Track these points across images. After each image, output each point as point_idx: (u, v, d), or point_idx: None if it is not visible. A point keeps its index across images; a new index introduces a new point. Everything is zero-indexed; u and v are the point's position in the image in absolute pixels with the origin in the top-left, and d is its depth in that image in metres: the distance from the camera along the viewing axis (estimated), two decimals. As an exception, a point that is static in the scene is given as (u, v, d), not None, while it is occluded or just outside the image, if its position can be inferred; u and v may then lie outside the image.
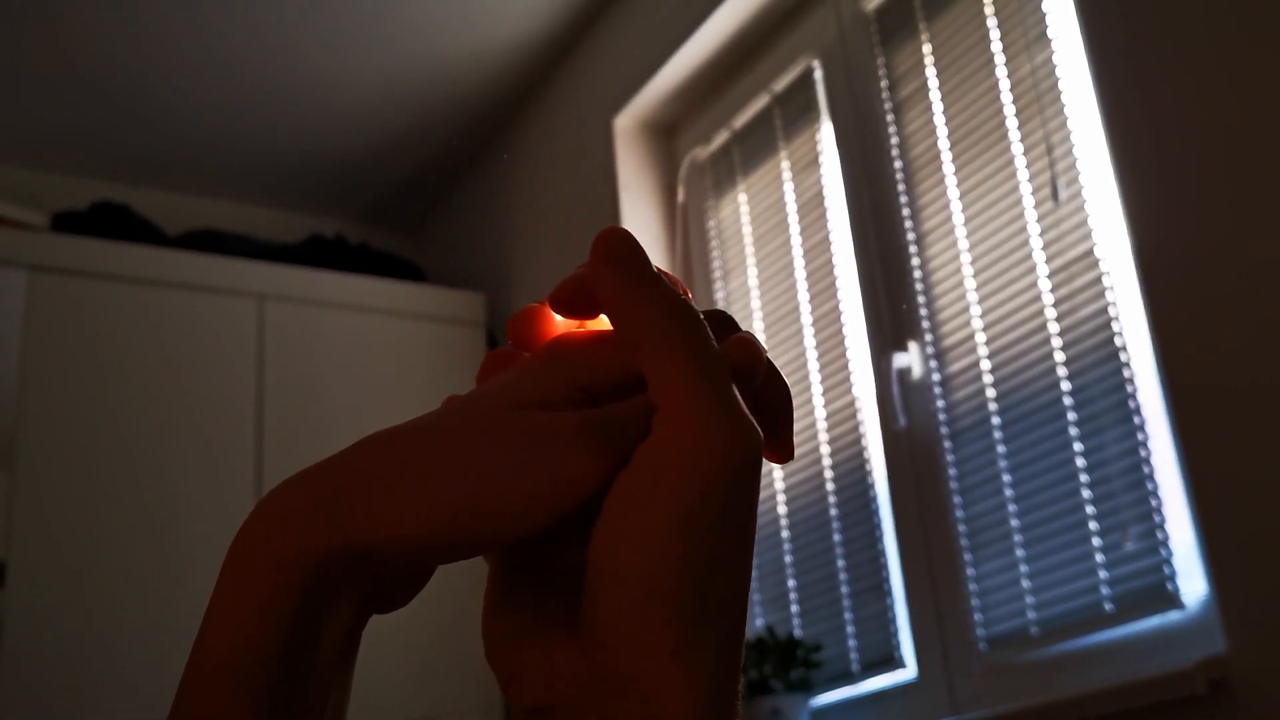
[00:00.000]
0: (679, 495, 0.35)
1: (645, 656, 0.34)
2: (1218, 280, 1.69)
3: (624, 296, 0.37)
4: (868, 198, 2.36)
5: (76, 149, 3.38)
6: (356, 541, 0.36)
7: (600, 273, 0.37)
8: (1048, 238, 1.99)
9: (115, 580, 2.73)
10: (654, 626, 0.34)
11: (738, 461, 0.35)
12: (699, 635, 0.34)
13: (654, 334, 0.36)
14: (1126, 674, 1.76)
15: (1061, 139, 1.99)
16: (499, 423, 0.37)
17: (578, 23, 3.08)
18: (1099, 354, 1.89)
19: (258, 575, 0.36)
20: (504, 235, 3.43)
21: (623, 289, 0.37)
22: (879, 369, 2.28)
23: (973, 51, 2.18)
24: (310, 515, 0.37)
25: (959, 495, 2.09)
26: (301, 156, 3.52)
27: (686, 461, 0.35)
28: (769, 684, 2.26)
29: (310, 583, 0.36)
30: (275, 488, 0.38)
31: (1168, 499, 1.78)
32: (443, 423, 0.37)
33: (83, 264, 2.94)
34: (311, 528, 0.36)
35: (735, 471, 0.35)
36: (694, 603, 0.34)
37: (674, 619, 0.34)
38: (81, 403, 2.84)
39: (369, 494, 0.36)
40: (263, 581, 0.36)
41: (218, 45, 3.04)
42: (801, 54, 2.59)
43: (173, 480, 2.86)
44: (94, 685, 2.65)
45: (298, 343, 3.12)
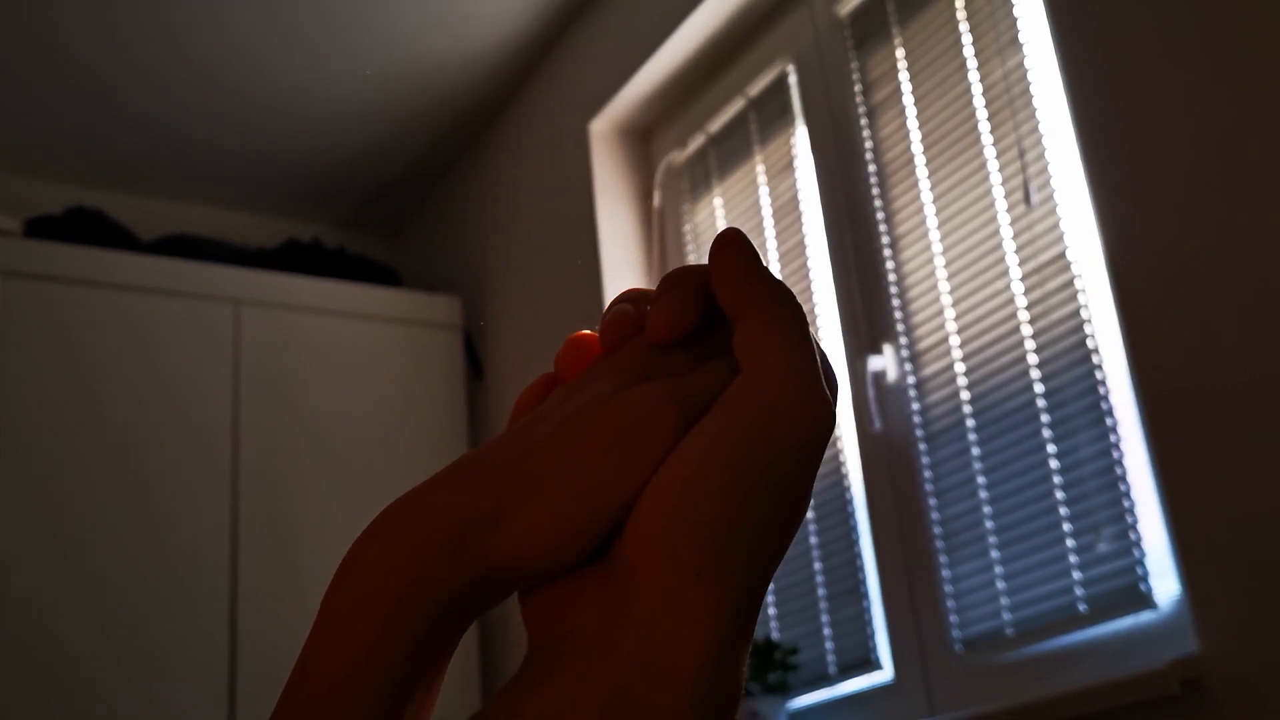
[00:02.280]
0: (745, 430, 0.36)
1: (672, 575, 0.34)
2: (1189, 283, 1.70)
3: (740, 272, 0.39)
4: (842, 201, 2.36)
5: (50, 154, 3.36)
6: (499, 568, 0.36)
7: (722, 251, 0.40)
8: (1020, 241, 2.01)
9: (89, 586, 2.72)
10: (688, 545, 0.34)
11: (809, 422, 0.36)
12: (729, 567, 0.34)
13: (762, 304, 0.39)
14: (1100, 674, 1.77)
15: (1033, 143, 2.00)
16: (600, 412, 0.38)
17: (553, 28, 3.08)
18: (1072, 357, 1.90)
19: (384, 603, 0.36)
20: (480, 240, 3.43)
21: (740, 267, 0.39)
22: (854, 372, 2.28)
23: (945, 56, 2.19)
24: (446, 545, 0.36)
25: (934, 498, 2.10)
26: (277, 161, 3.51)
27: (761, 404, 0.36)
28: (746, 687, 2.26)
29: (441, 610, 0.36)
30: (392, 511, 0.37)
31: (1140, 500, 1.79)
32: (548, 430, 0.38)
33: (57, 270, 2.93)
34: (449, 558, 0.36)
35: (804, 430, 0.36)
36: (731, 535, 0.35)
37: (708, 542, 0.34)
38: (56, 409, 2.82)
39: (504, 518, 0.36)
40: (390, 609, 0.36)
41: (193, 50, 3.03)
42: (776, 58, 2.60)
43: (149, 486, 2.85)
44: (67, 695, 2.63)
45: (274, 348, 3.11)
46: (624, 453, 0.37)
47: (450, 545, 0.36)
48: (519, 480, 0.37)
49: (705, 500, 0.35)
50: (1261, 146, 1.64)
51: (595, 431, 0.37)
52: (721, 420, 0.36)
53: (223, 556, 2.86)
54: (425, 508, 0.37)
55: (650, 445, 0.37)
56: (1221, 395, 1.65)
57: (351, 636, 0.36)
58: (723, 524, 0.35)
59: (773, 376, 0.37)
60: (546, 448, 0.37)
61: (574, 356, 0.42)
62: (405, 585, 0.36)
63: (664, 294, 0.40)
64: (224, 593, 2.84)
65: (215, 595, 2.83)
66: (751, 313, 0.39)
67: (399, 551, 0.36)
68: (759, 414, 0.36)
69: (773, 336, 0.38)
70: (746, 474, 0.35)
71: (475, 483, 0.37)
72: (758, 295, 0.39)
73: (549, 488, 0.37)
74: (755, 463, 0.35)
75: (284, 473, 3.00)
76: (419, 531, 0.36)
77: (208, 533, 2.87)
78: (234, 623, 2.82)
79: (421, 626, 0.36)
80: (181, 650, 2.76)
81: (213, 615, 2.81)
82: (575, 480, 0.37)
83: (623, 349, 0.40)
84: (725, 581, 0.34)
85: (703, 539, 0.34)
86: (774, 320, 0.38)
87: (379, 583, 0.36)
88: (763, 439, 0.36)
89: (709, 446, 0.36)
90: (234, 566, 2.87)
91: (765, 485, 0.35)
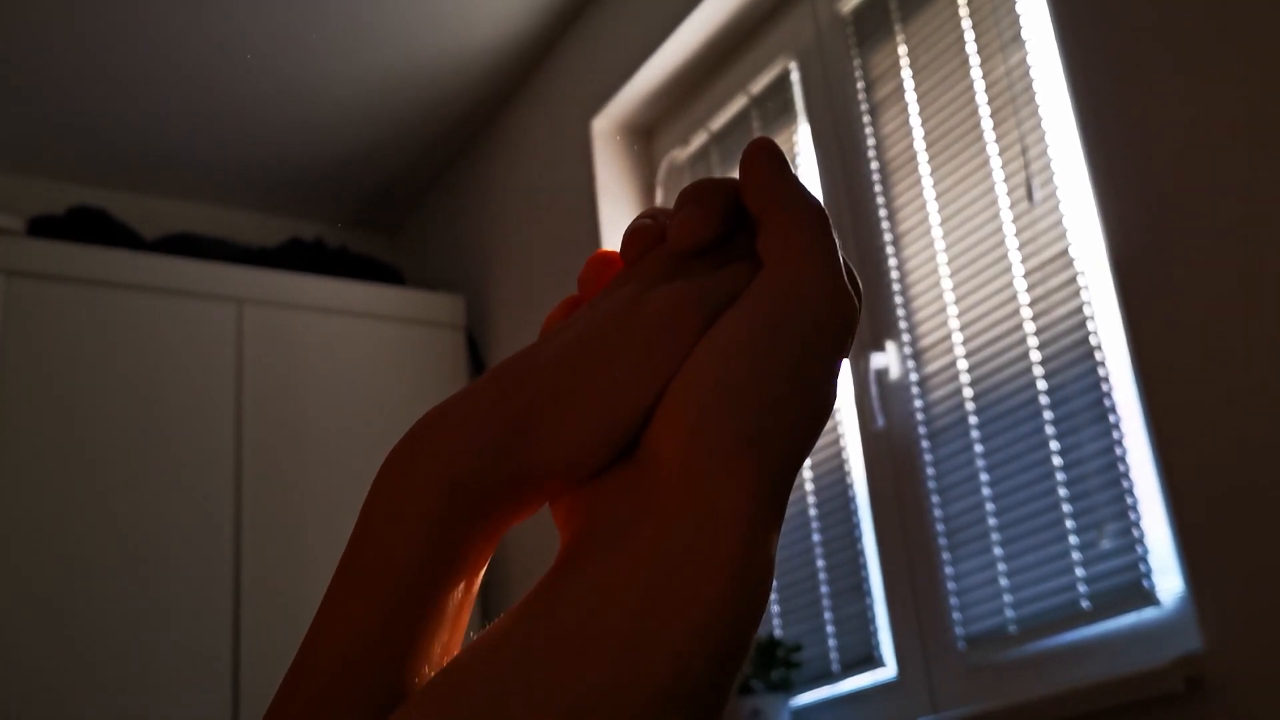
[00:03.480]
0: (769, 314, 0.36)
1: (703, 458, 0.34)
2: (1192, 280, 1.70)
3: (768, 175, 0.40)
4: (844, 199, 2.36)
5: (53, 153, 3.36)
6: (534, 469, 0.37)
7: (753, 154, 0.40)
8: (1023, 238, 2.00)
9: (93, 586, 2.72)
10: (716, 427, 0.34)
11: (832, 308, 0.37)
12: (758, 448, 0.34)
13: (787, 204, 0.39)
14: (1104, 672, 1.77)
15: (1036, 140, 2.00)
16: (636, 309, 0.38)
17: (555, 26, 3.08)
18: (1074, 353, 1.90)
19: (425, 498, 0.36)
20: (483, 238, 3.43)
21: (769, 170, 0.40)
22: (857, 370, 2.28)
23: (948, 53, 2.19)
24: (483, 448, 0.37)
25: (937, 495, 2.10)
26: (280, 160, 3.51)
27: (784, 289, 0.37)
28: (749, 684, 2.27)
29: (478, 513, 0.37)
30: (428, 419, 0.38)
31: (1143, 497, 1.79)
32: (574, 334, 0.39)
33: (60, 269, 2.93)
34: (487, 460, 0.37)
35: (827, 315, 0.37)
36: (759, 417, 0.35)
37: (736, 424, 0.34)
38: (59, 408, 2.83)
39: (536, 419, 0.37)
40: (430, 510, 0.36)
41: (196, 49, 3.03)
42: (778, 56, 2.60)
43: (152, 485, 2.85)
44: (70, 693, 2.64)
45: (277, 347, 3.11)
46: (649, 349, 0.37)
47: (487, 448, 0.37)
48: (548, 383, 0.37)
49: (732, 383, 0.35)
50: (1264, 143, 1.64)
51: (620, 331, 0.38)
52: (746, 307, 0.37)
53: (226, 555, 2.87)
54: (460, 415, 0.38)
55: (674, 340, 0.37)
56: (1224, 391, 1.65)
57: (392, 539, 0.36)
58: (750, 405, 0.35)
59: (797, 265, 0.37)
60: (573, 351, 0.38)
61: (596, 272, 0.42)
62: (444, 487, 0.36)
63: (685, 204, 0.40)
64: (228, 591, 2.84)
65: (219, 594, 2.83)
66: (776, 212, 0.39)
67: (438, 455, 0.37)
68: (783, 298, 0.37)
69: (797, 232, 0.38)
70: (771, 356, 0.36)
71: (506, 389, 0.38)
72: (784, 196, 0.39)
73: (577, 388, 0.37)
74: (779, 345, 0.36)
75: (287, 471, 3.00)
76: (457, 436, 0.37)
77: (211, 531, 2.88)
78: (237, 622, 2.82)
79: (459, 530, 0.36)
80: (185, 650, 2.76)
81: (216, 614, 2.81)
82: (602, 379, 0.37)
83: (644, 260, 0.41)
84: (755, 462, 0.34)
85: (731, 421, 0.34)
86: (798, 217, 0.39)
87: (419, 485, 0.37)
88: (787, 322, 0.36)
89: (733, 331, 0.36)
90: (237, 565, 2.87)
91: (790, 368, 0.36)
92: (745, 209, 0.41)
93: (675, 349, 0.37)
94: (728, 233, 0.41)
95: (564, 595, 0.33)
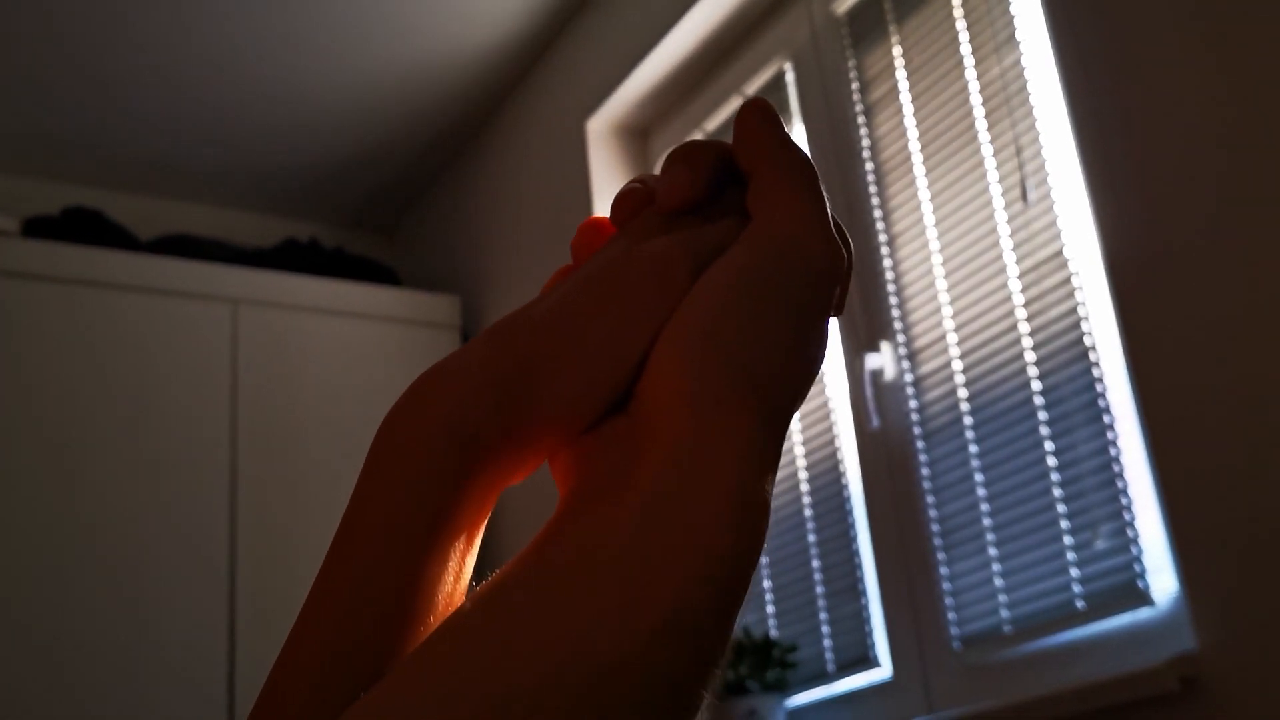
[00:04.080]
0: (757, 261, 0.37)
1: (690, 402, 0.35)
2: (1186, 280, 1.70)
3: (762, 131, 0.41)
4: (839, 199, 2.37)
5: (48, 154, 3.36)
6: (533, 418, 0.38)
7: (746, 113, 0.41)
8: (1017, 239, 2.01)
9: (89, 586, 2.72)
10: (706, 371, 0.35)
11: (819, 255, 0.38)
12: (748, 393, 0.35)
13: (777, 159, 0.40)
14: (1099, 672, 1.77)
15: (1030, 140, 2.00)
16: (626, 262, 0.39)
17: (550, 27, 3.09)
18: (1069, 354, 1.91)
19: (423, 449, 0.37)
20: (479, 238, 3.43)
21: (761, 127, 0.41)
22: (852, 370, 2.29)
23: (942, 54, 2.19)
24: (484, 397, 0.37)
25: (932, 495, 2.10)
26: (275, 161, 3.51)
27: (772, 237, 0.38)
28: (745, 684, 2.27)
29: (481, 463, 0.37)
30: (437, 367, 0.39)
31: (1138, 497, 1.79)
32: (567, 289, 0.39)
33: (55, 269, 2.93)
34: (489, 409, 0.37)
35: (815, 262, 0.38)
36: (750, 362, 0.35)
37: (726, 368, 0.35)
38: (54, 409, 2.82)
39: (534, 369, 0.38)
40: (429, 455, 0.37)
41: (190, 50, 3.03)
42: (773, 56, 2.60)
43: (147, 486, 2.85)
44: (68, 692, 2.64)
45: (272, 348, 3.11)
46: (637, 299, 0.38)
47: (483, 399, 0.37)
48: (540, 336, 0.38)
49: (721, 328, 0.36)
50: (1259, 143, 1.64)
51: (609, 283, 0.39)
52: (735, 255, 0.38)
53: (221, 556, 2.87)
54: (457, 369, 0.38)
55: (663, 289, 0.38)
56: (1219, 392, 1.65)
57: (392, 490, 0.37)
58: (739, 349, 0.35)
59: (785, 214, 0.38)
60: (564, 305, 0.39)
61: (588, 238, 0.43)
62: (442, 438, 0.37)
63: (673, 164, 0.41)
64: (223, 592, 2.84)
65: (214, 595, 2.83)
66: (766, 166, 0.40)
67: (436, 408, 0.37)
68: (771, 245, 0.38)
69: (786, 183, 0.39)
70: (759, 301, 0.36)
71: (501, 344, 0.38)
72: (774, 150, 0.40)
73: (569, 340, 0.38)
74: (768, 290, 0.37)
75: (283, 472, 3.00)
76: (454, 389, 0.38)
77: (206, 532, 2.87)
78: (232, 623, 2.82)
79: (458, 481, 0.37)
80: (180, 651, 2.76)
81: (211, 615, 2.81)
82: (593, 330, 0.38)
83: (634, 222, 0.41)
84: (746, 403, 0.35)
85: (721, 364, 0.35)
86: (788, 170, 0.39)
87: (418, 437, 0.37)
88: (775, 267, 0.37)
89: (722, 278, 0.37)
90: (232, 566, 2.87)
91: (779, 313, 0.36)
92: (734, 170, 0.42)
93: (664, 298, 0.38)
94: (716, 191, 0.41)
95: (563, 541, 0.33)
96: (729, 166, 0.42)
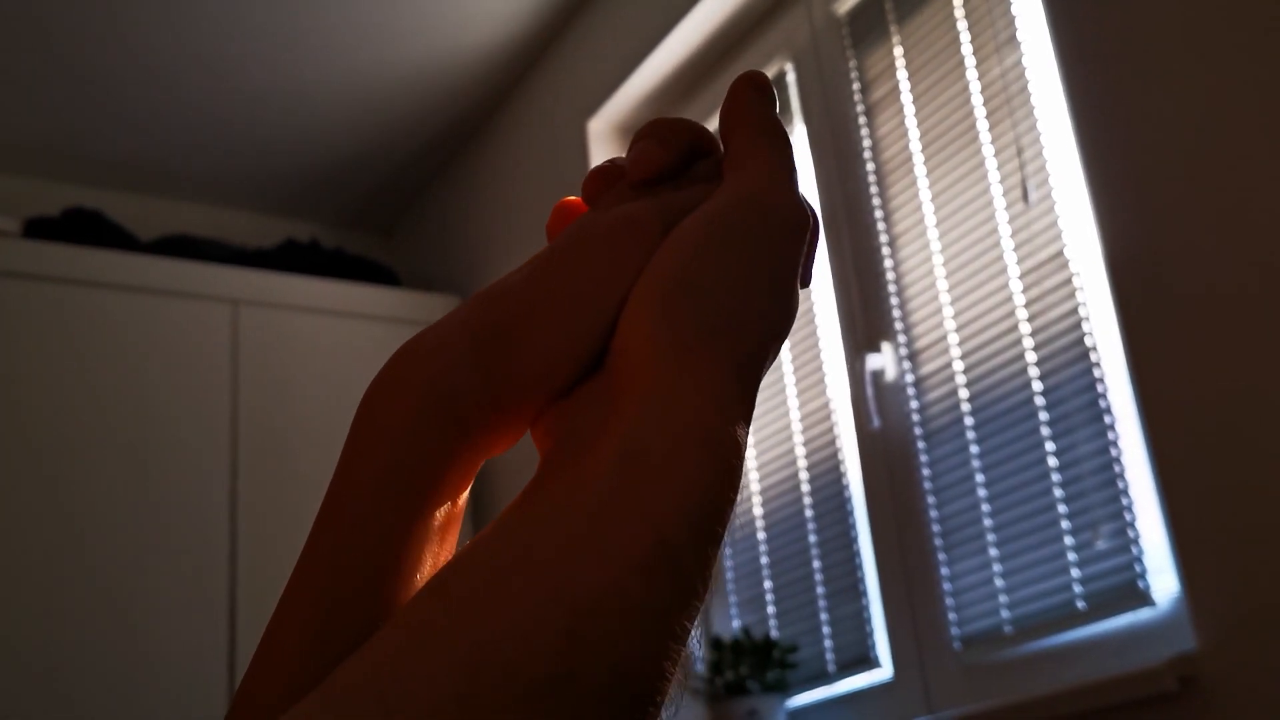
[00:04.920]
0: (729, 211, 0.39)
1: (660, 351, 0.36)
2: (1187, 280, 1.70)
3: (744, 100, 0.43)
4: (840, 200, 2.37)
5: (48, 154, 3.36)
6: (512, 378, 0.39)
7: (736, 84, 0.43)
8: (1018, 239, 2.01)
9: (89, 587, 2.72)
10: (674, 319, 0.36)
11: (786, 211, 0.39)
12: (717, 339, 0.36)
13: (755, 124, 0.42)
14: (1099, 671, 1.77)
15: (1031, 141, 2.00)
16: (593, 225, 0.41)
17: (551, 27, 3.09)
18: (1070, 354, 1.91)
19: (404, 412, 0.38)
20: (478, 239, 3.43)
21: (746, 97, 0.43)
22: (853, 370, 2.29)
23: (943, 54, 2.19)
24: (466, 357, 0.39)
25: (933, 495, 2.10)
26: (275, 161, 3.51)
27: (739, 194, 0.39)
28: (745, 685, 2.27)
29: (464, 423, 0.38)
30: (417, 336, 0.40)
31: (1138, 498, 1.79)
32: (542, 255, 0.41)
33: (55, 270, 2.93)
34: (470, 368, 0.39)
35: (781, 217, 0.39)
36: (717, 309, 0.36)
37: (694, 315, 0.36)
38: (55, 410, 2.82)
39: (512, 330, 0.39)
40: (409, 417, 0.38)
41: (190, 50, 3.03)
42: (774, 57, 2.60)
43: (148, 487, 2.85)
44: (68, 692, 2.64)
45: (272, 348, 3.11)
46: (606, 259, 0.39)
47: (461, 362, 0.39)
48: (514, 300, 0.40)
49: (688, 278, 0.37)
50: (1259, 143, 1.64)
51: (578, 246, 0.40)
52: (704, 210, 0.39)
53: (222, 557, 2.87)
54: (435, 336, 0.40)
55: (632, 248, 0.39)
56: (1219, 392, 1.65)
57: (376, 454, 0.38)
58: (706, 298, 0.36)
59: (753, 172, 0.40)
60: (536, 270, 0.40)
61: (562, 218, 0.45)
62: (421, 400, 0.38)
63: (641, 138, 0.43)
64: (223, 592, 2.84)
65: (214, 595, 2.83)
66: (742, 130, 0.42)
67: (416, 372, 0.39)
68: (739, 201, 0.39)
69: (757, 145, 0.41)
70: (726, 252, 0.37)
71: (476, 310, 0.40)
72: (751, 116, 0.42)
73: (541, 301, 0.39)
74: (734, 241, 0.38)
75: (282, 472, 3.00)
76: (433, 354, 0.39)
77: (207, 533, 2.87)
78: (233, 623, 2.82)
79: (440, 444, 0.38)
80: (181, 651, 2.76)
81: (212, 615, 2.81)
82: (564, 291, 0.39)
83: (606, 195, 0.43)
84: (715, 351, 0.36)
85: (688, 314, 0.36)
86: (760, 135, 0.41)
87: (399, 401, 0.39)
88: (740, 218, 0.38)
89: (690, 232, 0.38)
90: (233, 566, 2.87)
91: (744, 261, 0.38)
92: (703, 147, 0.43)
93: (634, 254, 0.39)
94: (685, 163, 0.43)
95: (543, 493, 0.35)
96: (698, 141, 0.43)
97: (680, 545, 0.31)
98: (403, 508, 0.38)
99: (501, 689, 0.27)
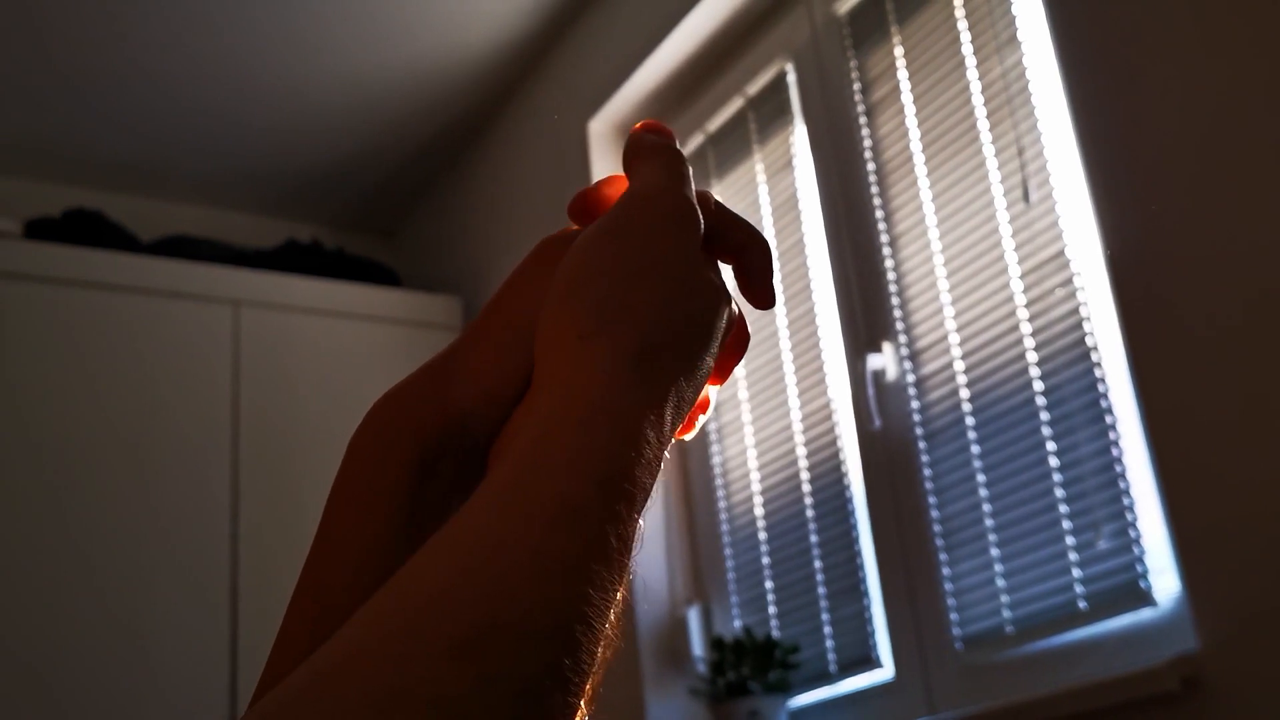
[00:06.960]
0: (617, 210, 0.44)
1: (561, 343, 0.40)
2: (1188, 280, 1.70)
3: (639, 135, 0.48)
4: (841, 200, 2.37)
5: (50, 156, 3.36)
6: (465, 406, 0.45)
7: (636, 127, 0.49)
8: (1019, 239, 2.01)
9: (90, 588, 2.72)
10: (571, 314, 0.41)
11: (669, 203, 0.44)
12: (612, 327, 0.40)
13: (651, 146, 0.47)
14: (1100, 672, 1.77)
15: (1032, 141, 2.00)
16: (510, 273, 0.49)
17: (552, 27, 3.09)
18: (1071, 354, 1.90)
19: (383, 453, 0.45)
20: (479, 239, 3.43)
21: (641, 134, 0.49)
22: (854, 371, 2.29)
23: (944, 54, 2.19)
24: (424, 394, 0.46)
25: (934, 496, 2.10)
26: (276, 161, 3.51)
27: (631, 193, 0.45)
28: (747, 685, 2.27)
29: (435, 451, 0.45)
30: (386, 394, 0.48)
31: (1140, 498, 1.79)
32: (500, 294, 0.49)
33: (56, 271, 2.93)
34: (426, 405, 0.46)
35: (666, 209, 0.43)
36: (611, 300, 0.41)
37: (591, 304, 0.41)
38: (56, 411, 2.82)
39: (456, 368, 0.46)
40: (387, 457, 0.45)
41: (191, 51, 3.03)
42: (775, 57, 2.60)
43: (149, 488, 2.85)
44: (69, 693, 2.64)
45: (273, 349, 3.11)
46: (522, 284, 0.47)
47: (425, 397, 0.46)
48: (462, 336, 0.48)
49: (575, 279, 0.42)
50: (1260, 144, 1.64)
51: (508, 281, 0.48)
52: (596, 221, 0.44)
53: (223, 558, 2.87)
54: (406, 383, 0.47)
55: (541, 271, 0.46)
56: (1220, 392, 1.65)
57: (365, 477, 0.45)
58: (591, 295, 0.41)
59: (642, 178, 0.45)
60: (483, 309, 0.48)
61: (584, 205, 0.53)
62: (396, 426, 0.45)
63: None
64: (224, 594, 2.84)
65: (216, 596, 2.83)
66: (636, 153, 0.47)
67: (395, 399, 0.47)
68: (625, 201, 0.44)
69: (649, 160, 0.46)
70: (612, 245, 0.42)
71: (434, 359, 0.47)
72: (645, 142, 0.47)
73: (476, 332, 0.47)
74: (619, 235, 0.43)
75: (284, 473, 3.00)
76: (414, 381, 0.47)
77: (208, 534, 2.87)
78: (235, 625, 2.82)
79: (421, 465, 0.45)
80: (182, 651, 2.76)
81: (213, 617, 2.81)
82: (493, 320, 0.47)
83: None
84: (611, 335, 0.40)
85: (583, 302, 0.41)
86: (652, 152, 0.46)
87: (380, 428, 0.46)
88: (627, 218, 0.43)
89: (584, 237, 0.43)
90: (234, 567, 2.87)
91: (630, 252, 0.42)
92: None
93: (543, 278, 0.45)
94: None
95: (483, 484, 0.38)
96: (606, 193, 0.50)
97: (584, 501, 0.35)
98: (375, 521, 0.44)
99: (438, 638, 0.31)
